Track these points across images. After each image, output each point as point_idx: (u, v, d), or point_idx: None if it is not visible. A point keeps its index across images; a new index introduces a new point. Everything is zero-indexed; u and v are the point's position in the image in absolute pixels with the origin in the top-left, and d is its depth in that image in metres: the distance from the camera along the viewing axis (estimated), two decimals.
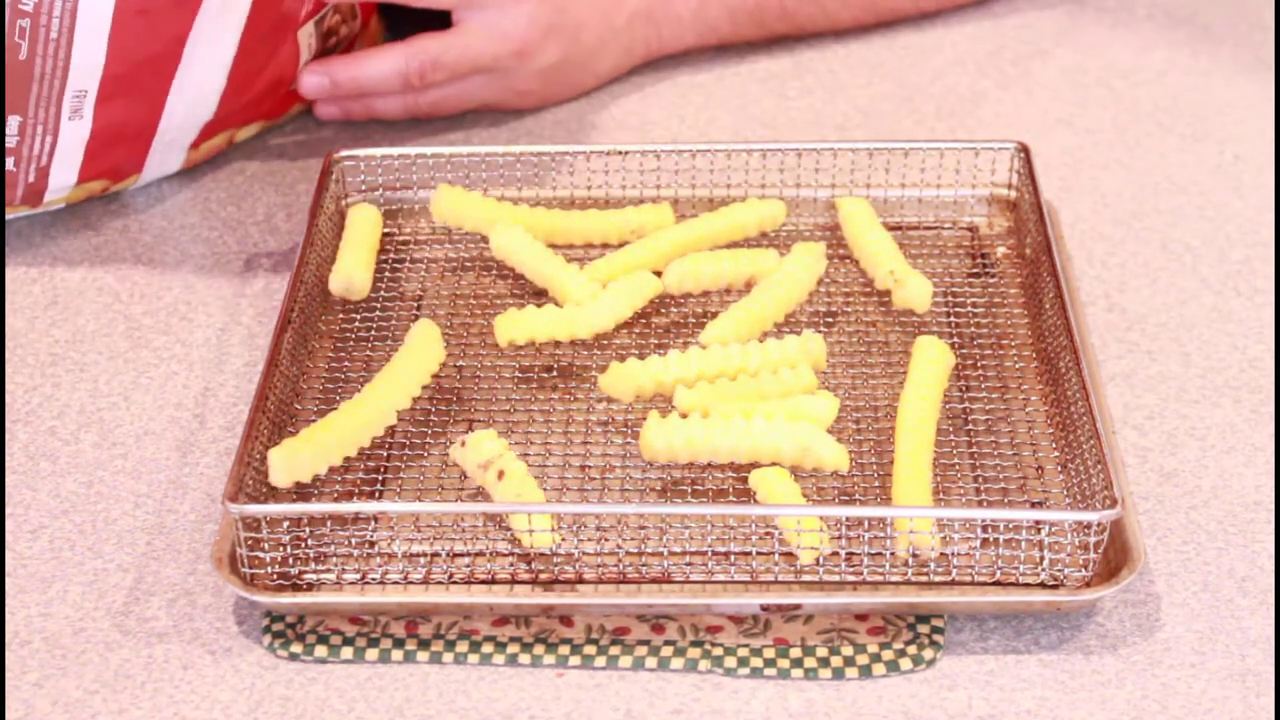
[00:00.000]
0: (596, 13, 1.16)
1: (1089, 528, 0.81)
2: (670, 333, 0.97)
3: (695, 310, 0.98)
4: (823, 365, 0.92)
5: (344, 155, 1.04)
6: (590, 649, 0.81)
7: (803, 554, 0.82)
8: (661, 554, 0.83)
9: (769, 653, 0.80)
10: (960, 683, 0.79)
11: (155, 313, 1.01)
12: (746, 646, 0.81)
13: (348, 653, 0.81)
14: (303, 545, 0.83)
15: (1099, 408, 0.86)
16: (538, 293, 0.99)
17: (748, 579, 0.83)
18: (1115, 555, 0.82)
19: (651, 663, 0.80)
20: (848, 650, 0.80)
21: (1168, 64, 1.22)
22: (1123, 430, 0.92)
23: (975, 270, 1.01)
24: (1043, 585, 0.82)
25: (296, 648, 0.81)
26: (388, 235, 1.04)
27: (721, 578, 0.83)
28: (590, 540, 0.84)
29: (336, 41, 1.13)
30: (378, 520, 0.85)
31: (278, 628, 0.82)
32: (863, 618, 0.82)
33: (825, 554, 0.82)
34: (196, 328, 1.00)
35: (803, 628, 0.81)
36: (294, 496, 0.85)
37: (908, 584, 0.82)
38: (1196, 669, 0.80)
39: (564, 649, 0.81)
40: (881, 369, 0.94)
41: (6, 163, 1.00)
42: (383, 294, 0.99)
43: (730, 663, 0.80)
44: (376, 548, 0.84)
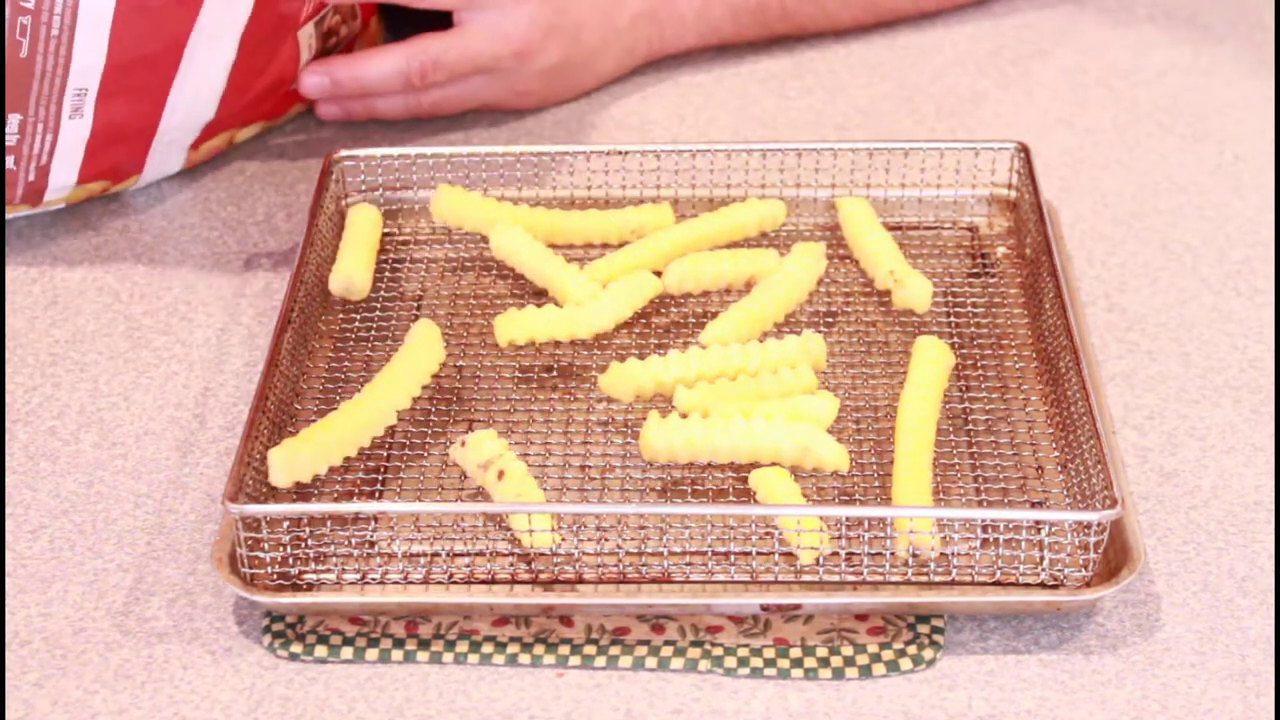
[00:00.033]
0: (598, 13, 1.15)
1: (1089, 528, 0.81)
2: (670, 333, 0.97)
3: (695, 310, 0.98)
4: (823, 365, 0.92)
5: (344, 155, 1.04)
6: (590, 649, 0.81)
7: (803, 554, 0.82)
8: (661, 554, 0.83)
9: (769, 653, 0.80)
10: (960, 683, 0.79)
11: (155, 313, 1.01)
12: (746, 646, 0.81)
13: (348, 653, 0.81)
14: (303, 545, 0.83)
15: (1099, 408, 0.86)
16: (538, 293, 0.99)
17: (748, 579, 0.82)
18: (1115, 555, 0.82)
19: (651, 663, 0.80)
20: (848, 650, 0.80)
21: (1168, 64, 1.22)
22: (1123, 430, 0.92)
23: (975, 270, 1.01)
24: (1043, 585, 0.82)
25: (296, 648, 0.81)
26: (388, 235, 1.04)
27: (721, 578, 0.83)
28: (590, 540, 0.84)
29: (336, 42, 1.13)
30: (378, 520, 0.85)
31: (278, 628, 0.82)
32: (863, 618, 0.82)
33: (825, 554, 0.82)
34: (196, 328, 1.00)
35: (803, 628, 0.81)
36: (294, 496, 0.85)
37: (908, 584, 0.82)
38: (1196, 669, 0.80)
39: (564, 649, 0.80)
40: (881, 369, 0.94)
41: (7, 161, 1.00)
42: (383, 294, 0.99)
43: (730, 663, 0.80)
44: (376, 548, 0.84)
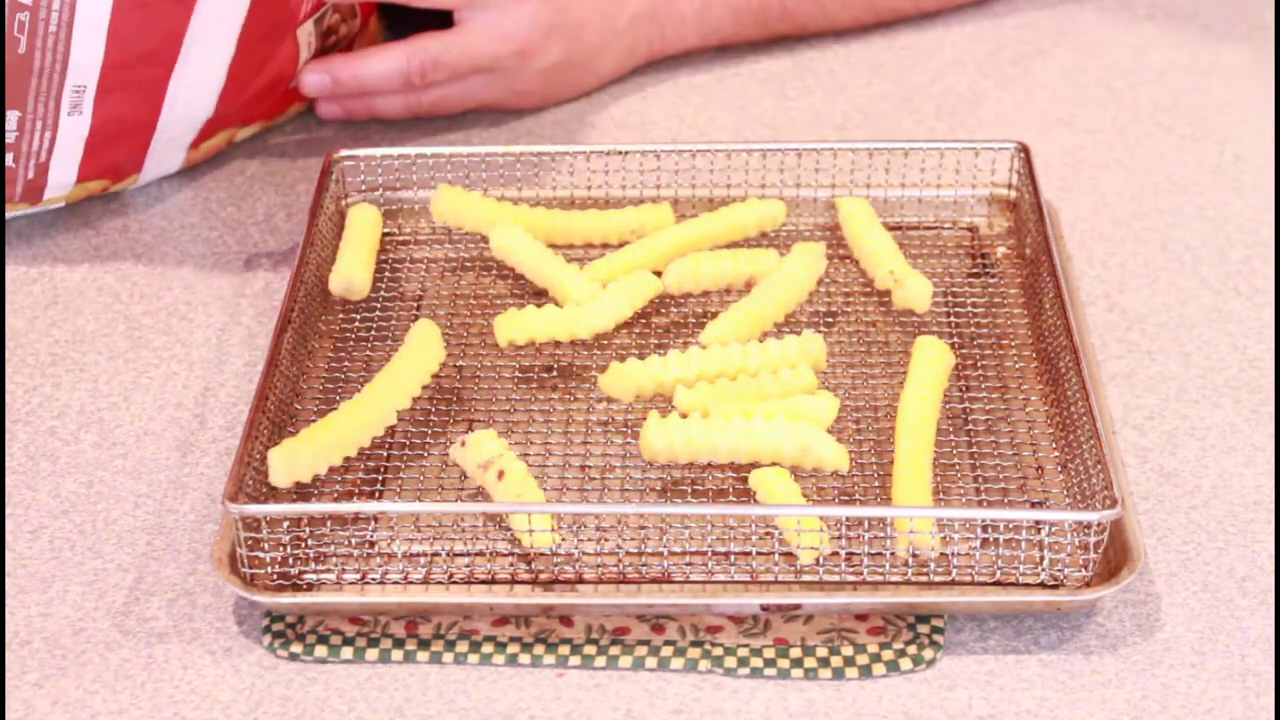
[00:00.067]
0: (598, 13, 1.15)
1: (1089, 528, 0.81)
2: (670, 333, 0.97)
3: (695, 310, 0.98)
4: (823, 365, 0.92)
5: (344, 155, 1.04)
6: (590, 649, 0.81)
7: (803, 554, 0.82)
8: (661, 554, 0.83)
9: (769, 653, 0.80)
10: (960, 683, 0.79)
11: (155, 313, 1.01)
12: (746, 646, 0.81)
13: (348, 653, 0.81)
14: (303, 545, 0.83)
15: (1099, 408, 0.86)
16: (538, 293, 0.99)
17: (748, 579, 0.82)
18: (1115, 555, 0.82)
19: (651, 663, 0.80)
20: (848, 650, 0.80)
21: (1168, 64, 1.22)
22: (1123, 430, 0.92)
23: (975, 270, 1.01)
24: (1043, 585, 0.82)
25: (296, 648, 0.81)
26: (388, 235, 1.03)
27: (721, 578, 0.83)
28: (590, 540, 0.84)
29: (336, 40, 1.13)
30: (378, 520, 0.85)
31: (278, 628, 0.82)
32: (863, 618, 0.82)
33: (825, 554, 0.82)
34: (196, 328, 1.00)
35: (803, 628, 0.81)
36: (294, 496, 0.85)
37: (908, 584, 0.82)
38: (1196, 669, 0.80)
39: (564, 649, 0.80)
40: (881, 369, 0.94)
41: (6, 158, 1.00)
42: (383, 294, 0.99)
43: (730, 663, 0.80)
44: (376, 548, 0.84)
